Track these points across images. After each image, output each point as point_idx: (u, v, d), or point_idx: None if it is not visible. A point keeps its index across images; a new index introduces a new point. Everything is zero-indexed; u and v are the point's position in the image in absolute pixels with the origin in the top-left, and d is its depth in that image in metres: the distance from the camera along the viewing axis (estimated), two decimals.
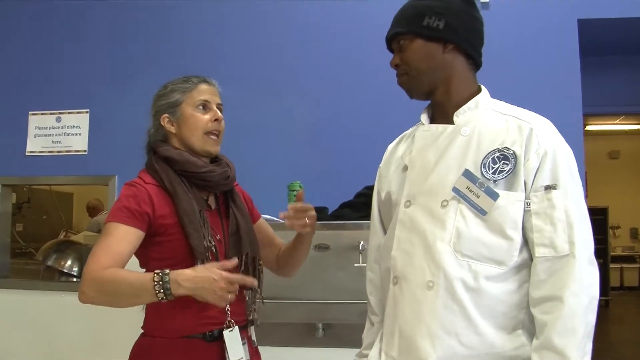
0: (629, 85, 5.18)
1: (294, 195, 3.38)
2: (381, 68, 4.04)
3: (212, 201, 2.40)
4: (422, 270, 1.70)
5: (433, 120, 1.93)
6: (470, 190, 1.69)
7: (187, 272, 1.94)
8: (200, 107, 2.40)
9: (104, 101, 4.35)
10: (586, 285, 1.59)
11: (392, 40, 1.93)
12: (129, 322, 4.16)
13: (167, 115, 2.42)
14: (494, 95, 1.94)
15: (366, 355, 1.98)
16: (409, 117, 4.05)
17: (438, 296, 1.67)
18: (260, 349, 2.43)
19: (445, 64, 1.85)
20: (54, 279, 4.46)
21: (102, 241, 2.17)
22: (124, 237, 2.18)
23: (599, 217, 11.38)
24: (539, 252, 1.64)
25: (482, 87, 1.92)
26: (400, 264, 1.77)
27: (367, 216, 3.38)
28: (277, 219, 3.37)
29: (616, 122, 10.91)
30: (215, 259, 2.18)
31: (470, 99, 1.85)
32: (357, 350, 2.12)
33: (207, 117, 2.40)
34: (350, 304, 3.03)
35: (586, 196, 3.96)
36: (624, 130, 12.13)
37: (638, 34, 4.47)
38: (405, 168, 1.88)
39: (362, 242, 3.04)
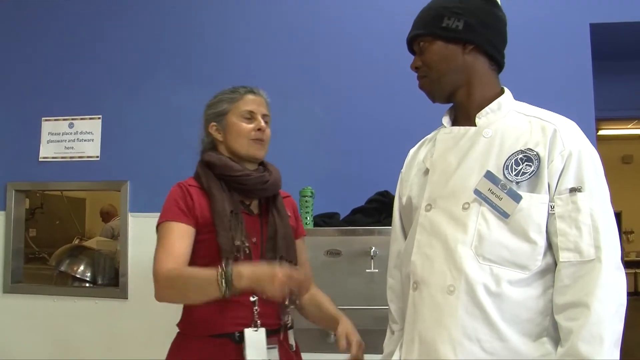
0: None
1: (306, 201, 3.39)
2: (395, 71, 4.07)
3: (254, 206, 2.46)
4: (442, 275, 1.68)
5: (455, 122, 1.90)
6: (492, 192, 1.66)
7: (249, 265, 2.00)
8: (246, 116, 2.46)
9: (116, 107, 4.36)
10: (613, 291, 1.55)
11: (413, 42, 1.92)
12: (141, 327, 4.19)
13: (214, 123, 2.57)
14: None
15: None
16: (423, 121, 4.03)
17: (459, 301, 1.63)
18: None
19: (465, 66, 1.83)
20: (67, 284, 4.47)
21: (161, 243, 2.34)
22: (180, 234, 2.30)
23: None
24: (563, 256, 1.60)
25: (505, 88, 1.90)
26: (420, 269, 1.74)
27: (378, 222, 3.40)
28: None
29: (629, 126, 10.84)
30: (249, 260, 2.23)
31: (493, 100, 1.83)
32: (369, 356, 2.11)
33: (251, 126, 2.44)
34: (362, 309, 3.02)
35: None
36: (637, 134, 12.05)
37: None
38: (427, 172, 1.85)
39: (373, 248, 3.03)
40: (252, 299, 2.27)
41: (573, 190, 1.62)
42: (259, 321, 2.26)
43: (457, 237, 1.67)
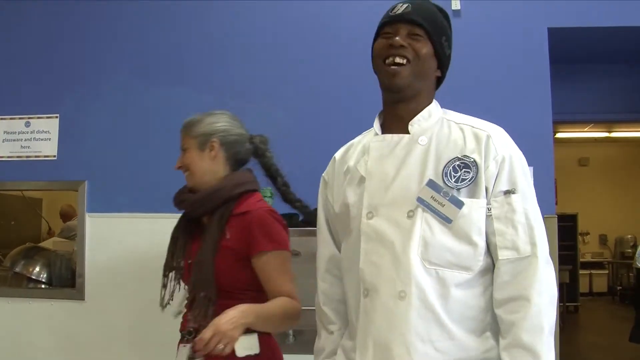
0: (599, 93, 5.24)
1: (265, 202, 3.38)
2: (356, 73, 4.08)
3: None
4: (392, 281, 1.70)
5: (384, 128, 1.92)
6: (435, 200, 1.70)
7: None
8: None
9: (74, 106, 4.31)
10: (548, 283, 1.66)
11: (406, 23, 1.85)
12: (98, 328, 4.15)
13: None
14: (466, 102, 1.96)
15: None
16: None
17: (411, 305, 1.67)
18: None
19: (430, 81, 1.90)
20: (22, 285, 4.40)
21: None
22: None
23: (568, 224, 11.46)
24: (502, 254, 1.68)
25: (434, 99, 1.94)
26: (369, 276, 1.76)
27: None
28: None
29: (585, 129, 11.02)
30: (182, 279, 2.46)
31: (423, 109, 1.87)
32: None
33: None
34: None
35: (556, 203, 4.01)
36: (594, 137, 12.25)
37: (607, 43, 4.53)
38: (362, 179, 1.86)
39: None
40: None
41: (507, 192, 1.71)
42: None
43: (404, 244, 1.71)
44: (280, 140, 4.12)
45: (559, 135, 10.35)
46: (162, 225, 4.09)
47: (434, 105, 1.90)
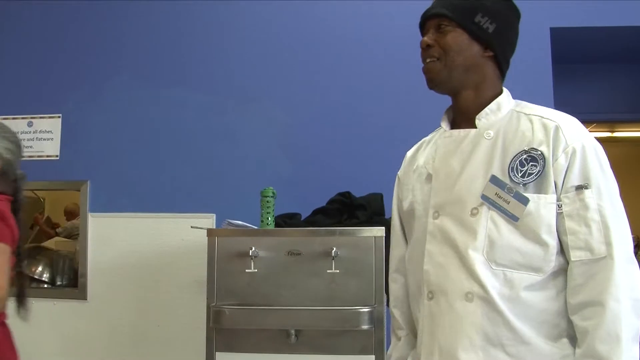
0: (601, 93, 5.23)
1: (267, 201, 3.38)
2: (357, 73, 4.09)
3: None
4: (459, 282, 1.66)
5: (454, 124, 1.87)
6: (500, 197, 1.64)
7: None
8: None
9: (77, 106, 4.32)
10: (628, 287, 1.54)
11: (432, 19, 1.82)
12: (101, 328, 4.15)
13: None
14: None
15: None
16: (385, 123, 4.08)
17: (478, 307, 1.62)
18: (232, 355, 2.42)
19: (479, 67, 1.80)
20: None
21: None
22: None
23: None
24: (574, 255, 1.59)
25: (504, 88, 1.88)
26: (435, 277, 1.71)
27: (340, 222, 3.42)
28: (250, 225, 3.37)
29: (588, 129, 10.91)
30: None
31: (492, 100, 1.80)
32: (330, 357, 2.09)
33: None
34: (323, 310, 3.02)
35: None
36: (596, 137, 12.18)
37: (610, 43, 4.52)
38: (429, 177, 1.81)
39: (334, 249, 3.03)
40: None
41: (579, 187, 1.61)
42: None
43: (468, 244, 1.65)
44: (281, 140, 4.13)
45: None
46: (164, 225, 4.12)
47: (505, 97, 1.83)
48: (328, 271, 3.04)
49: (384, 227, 3.01)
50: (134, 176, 4.21)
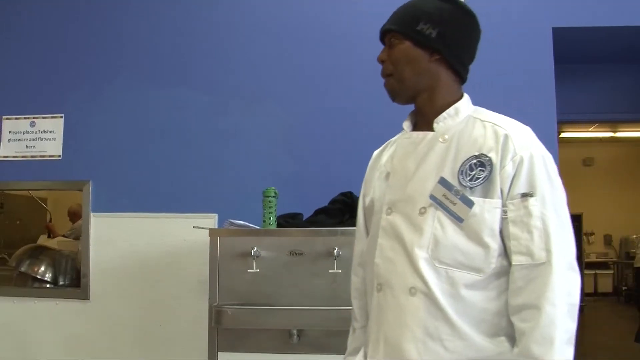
0: (603, 93, 5.23)
1: (269, 201, 3.39)
2: (357, 75, 4.09)
3: None
4: (404, 277, 1.71)
5: (416, 127, 1.91)
6: (447, 198, 1.69)
7: None
8: None
9: (79, 106, 4.32)
10: (564, 292, 1.59)
11: (385, 36, 1.92)
12: (103, 328, 4.16)
13: None
14: (470, 100, 1.94)
15: None
16: (386, 123, 4.05)
17: (421, 302, 1.67)
18: (234, 355, 2.42)
19: (429, 72, 1.84)
20: (27, 285, 4.41)
21: None
22: None
23: (573, 224, 11.45)
24: (516, 259, 1.64)
25: (465, 94, 1.92)
26: (384, 271, 1.78)
27: (342, 222, 3.41)
28: (252, 225, 3.37)
29: (590, 129, 10.99)
30: None
31: (451, 105, 1.85)
32: (332, 357, 2.11)
33: None
34: (325, 310, 3.02)
35: None
36: (598, 137, 12.22)
37: (612, 43, 4.52)
38: (388, 175, 1.88)
39: (336, 249, 3.03)
40: None
41: (525, 195, 1.65)
42: None
43: (414, 241, 1.71)
44: (283, 140, 4.14)
45: (563, 135, 10.33)
46: (166, 225, 4.13)
47: (464, 102, 1.88)
48: (330, 271, 3.05)
49: None
50: (136, 176, 4.22)
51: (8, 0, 4.50)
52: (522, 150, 1.70)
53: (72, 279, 4.37)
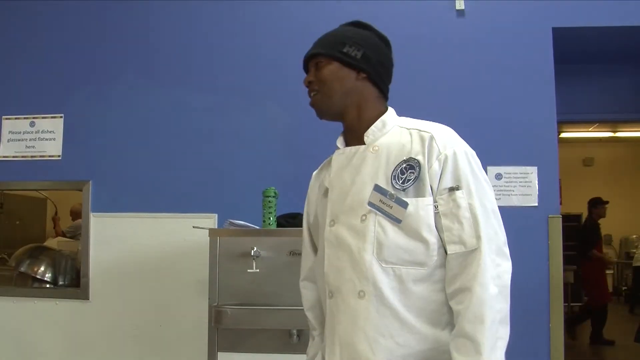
0: (603, 93, 5.23)
1: (269, 201, 3.39)
2: None
3: None
4: (352, 282, 1.82)
5: (348, 143, 2.04)
6: (383, 203, 1.82)
7: None
8: None
9: (79, 106, 4.32)
10: (494, 275, 1.72)
11: (310, 60, 2.05)
12: (103, 328, 4.16)
13: None
14: (470, 102, 1.97)
15: None
16: None
17: (370, 303, 1.79)
18: (234, 355, 2.42)
19: (356, 90, 1.98)
20: (27, 285, 4.41)
21: None
22: None
23: (573, 224, 11.45)
24: (450, 249, 1.76)
25: (389, 107, 2.05)
26: (333, 279, 1.89)
27: None
28: (251, 225, 3.37)
29: (590, 129, 10.98)
30: None
31: (377, 118, 1.98)
32: None
33: None
34: None
35: (560, 203, 4.00)
36: (598, 137, 12.22)
37: (612, 43, 4.52)
38: (327, 191, 2.00)
39: None
40: None
41: (452, 189, 1.79)
42: None
43: (360, 247, 1.83)
44: (283, 140, 4.14)
45: (563, 135, 10.32)
46: (166, 225, 4.13)
47: (389, 115, 2.01)
48: None
49: None
50: (136, 176, 4.22)
51: (8, 0, 4.50)
52: (445, 149, 1.83)
53: (72, 279, 4.37)
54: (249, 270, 3.10)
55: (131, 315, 4.12)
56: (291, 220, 3.56)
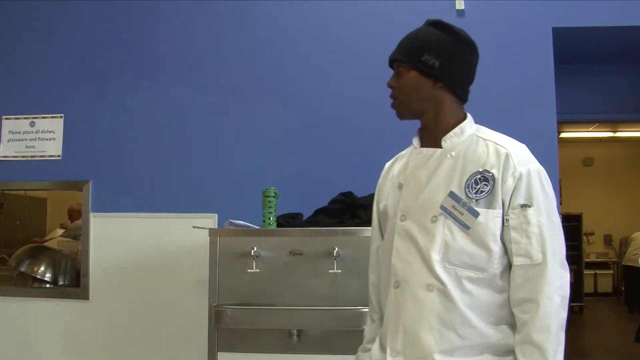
0: (603, 93, 5.23)
1: (269, 201, 3.39)
2: (359, 74, 4.09)
3: None
4: (422, 275, 1.94)
5: (423, 142, 2.13)
6: (455, 209, 1.93)
7: None
8: None
9: (79, 106, 4.32)
10: (557, 287, 1.86)
11: (392, 63, 2.13)
12: (103, 328, 4.16)
13: None
14: (470, 102, 2.01)
15: (369, 349, 2.23)
16: (386, 125, 4.07)
17: (437, 297, 1.91)
18: (235, 355, 2.42)
19: (433, 98, 2.06)
20: (27, 285, 4.41)
21: None
22: None
23: (573, 224, 11.47)
24: (517, 260, 1.89)
25: (468, 114, 2.12)
26: (401, 270, 2.00)
27: (342, 222, 3.41)
28: (252, 225, 3.37)
29: (590, 129, 10.99)
30: None
31: (456, 125, 2.06)
32: (332, 357, 2.16)
33: None
34: (325, 310, 3.03)
35: (560, 203, 3.99)
36: (598, 137, 12.22)
37: (612, 43, 4.52)
38: (400, 186, 2.10)
39: (336, 249, 3.04)
40: None
41: (524, 206, 1.90)
42: None
43: (428, 245, 1.94)
44: (283, 140, 4.14)
45: (563, 135, 10.33)
46: (166, 225, 4.13)
47: (467, 122, 2.08)
48: (330, 271, 3.05)
49: None
50: (136, 176, 4.22)
51: (8, 0, 4.50)
52: (520, 166, 1.94)
53: (72, 279, 4.37)
54: (249, 270, 3.10)
55: (131, 315, 4.12)
56: (291, 220, 3.56)
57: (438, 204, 1.96)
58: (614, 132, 11.79)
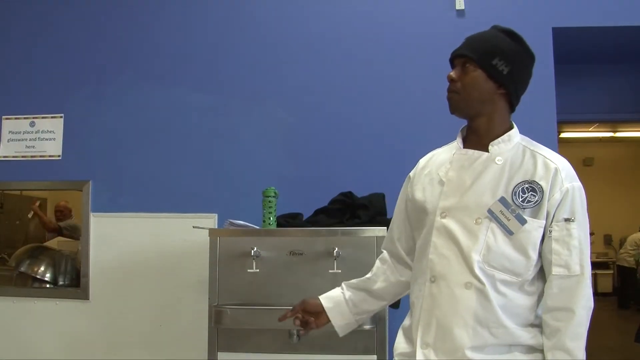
0: (603, 93, 5.23)
1: (269, 201, 3.39)
2: (359, 74, 4.08)
3: None
4: (460, 273, 2.01)
5: (466, 142, 2.19)
6: (503, 214, 2.00)
7: None
8: None
9: (79, 106, 4.32)
10: (588, 298, 1.98)
11: (459, 57, 2.15)
12: (103, 328, 4.16)
13: None
14: None
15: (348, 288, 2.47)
16: (384, 124, 4.08)
17: (475, 295, 1.98)
18: (234, 355, 2.42)
19: (492, 101, 2.11)
20: (27, 285, 4.41)
21: None
22: None
23: None
24: (555, 270, 1.97)
25: (514, 123, 2.19)
26: (439, 266, 2.06)
27: (342, 222, 3.41)
28: (252, 225, 3.37)
29: (590, 129, 11.00)
30: None
31: (504, 133, 2.13)
32: (332, 357, 2.17)
33: None
34: None
35: None
36: (598, 137, 12.24)
37: (612, 43, 4.52)
38: (441, 182, 2.15)
39: (336, 249, 3.04)
40: None
41: (567, 220, 1.99)
42: None
43: (470, 245, 2.01)
44: (283, 140, 4.14)
45: (563, 135, 10.33)
46: (166, 225, 4.13)
47: (515, 131, 2.15)
48: (330, 271, 3.05)
49: (385, 227, 3.00)
50: (136, 176, 4.22)
51: (8, 0, 4.50)
52: (567, 182, 2.02)
53: (72, 279, 4.37)
54: (249, 270, 3.10)
55: (131, 315, 4.12)
56: (291, 220, 3.56)
57: (484, 206, 2.02)
58: (614, 132, 11.81)
